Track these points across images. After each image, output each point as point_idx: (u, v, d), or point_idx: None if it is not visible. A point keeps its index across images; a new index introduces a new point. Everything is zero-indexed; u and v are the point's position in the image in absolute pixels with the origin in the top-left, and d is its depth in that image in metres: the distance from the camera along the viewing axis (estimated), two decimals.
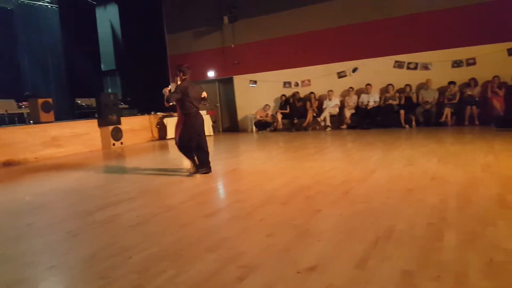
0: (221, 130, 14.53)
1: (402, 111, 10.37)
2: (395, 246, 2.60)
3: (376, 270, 2.26)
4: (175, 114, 13.11)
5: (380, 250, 2.54)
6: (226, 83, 14.12)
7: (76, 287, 2.35)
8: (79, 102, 12.83)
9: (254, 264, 2.44)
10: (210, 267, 2.45)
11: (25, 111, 10.90)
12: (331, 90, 11.58)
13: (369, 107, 10.88)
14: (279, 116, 12.32)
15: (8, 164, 8.44)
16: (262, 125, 12.66)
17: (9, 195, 5.29)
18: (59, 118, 10.96)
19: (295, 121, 12.14)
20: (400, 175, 4.70)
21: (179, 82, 5.55)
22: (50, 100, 10.08)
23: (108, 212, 4.00)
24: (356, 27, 11.41)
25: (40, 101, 9.73)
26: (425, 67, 10.57)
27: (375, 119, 10.80)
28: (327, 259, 2.46)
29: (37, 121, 9.64)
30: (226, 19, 12.89)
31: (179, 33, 14.57)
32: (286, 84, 12.76)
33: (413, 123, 10.26)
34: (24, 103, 11.10)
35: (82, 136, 10.27)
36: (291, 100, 12.31)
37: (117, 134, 10.88)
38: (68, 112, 13.65)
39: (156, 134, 12.89)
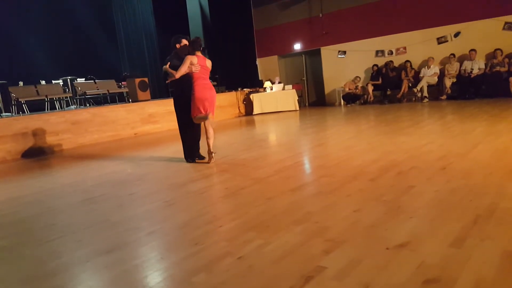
0: (307, 104, 14.37)
1: (511, 79, 9.21)
2: (497, 225, 2.35)
3: (475, 250, 2.07)
4: (261, 89, 13.25)
5: (480, 229, 2.32)
6: (313, 55, 13.81)
7: (173, 252, 2.52)
8: None
9: (341, 239, 2.38)
10: (296, 239, 2.45)
11: (124, 90, 11.87)
12: (432, 57, 10.64)
13: (473, 75, 9.86)
14: (370, 88, 11.75)
15: (111, 139, 9.35)
16: (351, 98, 12.21)
17: (114, 167, 5.85)
18: (154, 96, 11.75)
19: (388, 92, 11.50)
20: (506, 150, 4.21)
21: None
22: (146, 79, 10.85)
23: (200, 184, 4.22)
24: None
25: (137, 80, 10.51)
26: None
27: (480, 88, 9.78)
28: (420, 236, 2.31)
29: (135, 100, 10.46)
30: None
31: (265, 6, 14.47)
32: (379, 53, 12.05)
33: None
34: (123, 82, 12.08)
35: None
36: (384, 70, 11.62)
37: None
38: (162, 90, 14.56)
39: (242, 110, 13.20)
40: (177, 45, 5.14)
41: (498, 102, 8.61)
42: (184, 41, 5.19)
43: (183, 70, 4.84)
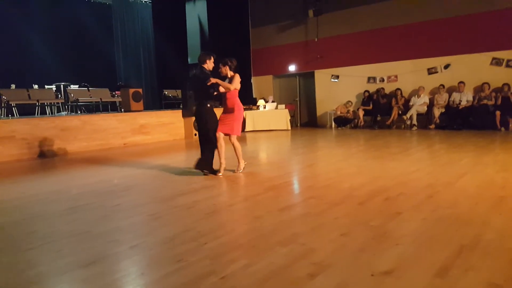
0: (298, 124, 14.47)
1: (498, 112, 9.44)
2: (481, 256, 2.36)
3: (459, 280, 2.07)
4: (254, 107, 13.32)
5: (465, 259, 2.32)
6: (306, 77, 13.99)
7: (154, 268, 2.47)
8: (166, 93, 13.61)
9: (327, 263, 2.37)
10: (282, 261, 2.42)
11: (117, 99, 11.83)
12: (422, 87, 10.87)
13: (461, 107, 10.07)
14: (361, 113, 11.90)
15: (100, 147, 9.25)
16: (342, 121, 12.33)
17: (100, 177, 5.76)
18: (147, 107, 11.73)
19: (378, 118, 11.64)
20: (492, 181, 4.26)
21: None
22: (140, 90, 10.84)
23: (187, 198, 4.17)
24: (450, 21, 10.57)
25: (131, 91, 10.50)
26: None
27: (467, 119, 9.99)
28: (405, 264, 2.30)
29: (128, 110, 10.42)
30: (311, 12, 12.72)
31: (263, 27, 14.69)
32: (371, 79, 12.26)
33: (511, 125, 9.30)
34: (116, 92, 12.05)
35: (167, 125, 10.88)
36: (375, 96, 11.82)
37: None
38: (155, 102, 14.55)
39: None
40: (207, 61, 5.31)
41: (485, 134, 8.77)
42: (212, 58, 5.39)
43: (236, 84, 5.25)
